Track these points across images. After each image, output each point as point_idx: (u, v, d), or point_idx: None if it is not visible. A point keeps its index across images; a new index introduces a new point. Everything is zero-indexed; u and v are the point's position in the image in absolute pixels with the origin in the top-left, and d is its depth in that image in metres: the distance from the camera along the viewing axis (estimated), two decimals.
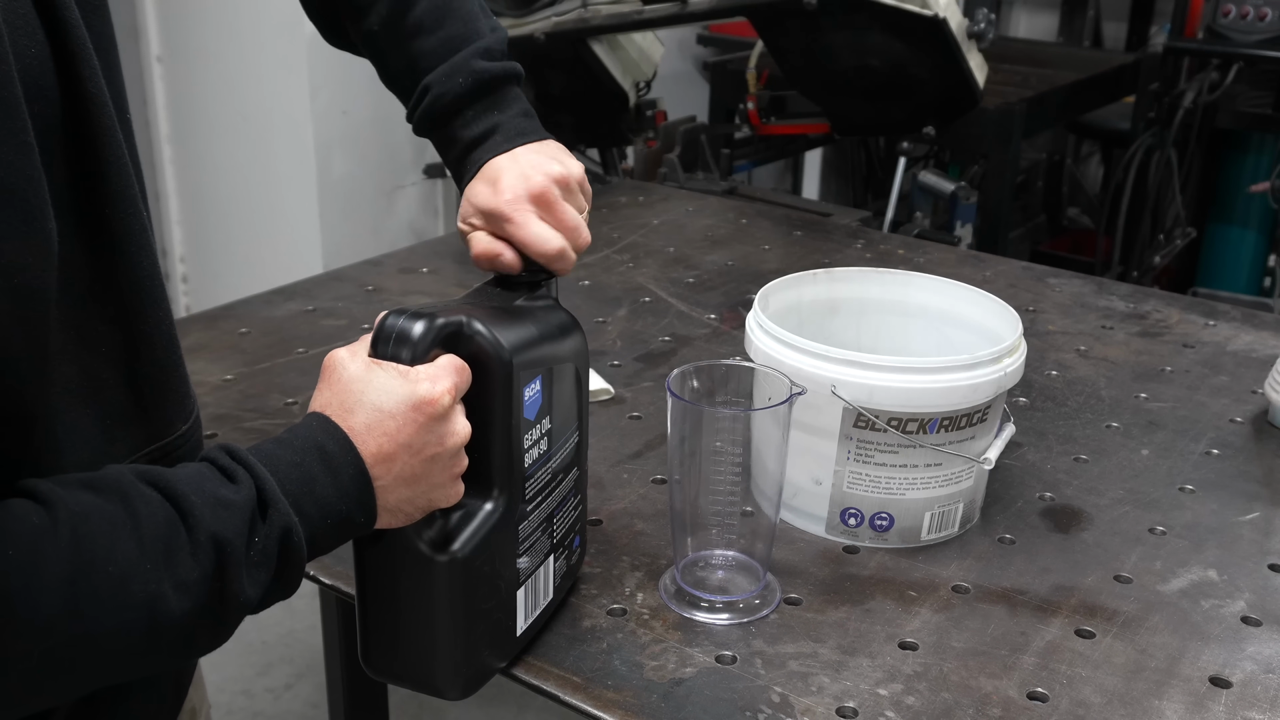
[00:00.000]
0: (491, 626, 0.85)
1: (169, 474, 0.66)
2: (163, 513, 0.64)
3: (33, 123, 0.62)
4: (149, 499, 0.64)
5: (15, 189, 0.59)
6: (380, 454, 0.73)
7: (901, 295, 1.21)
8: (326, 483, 0.71)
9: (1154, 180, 3.04)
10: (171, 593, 0.63)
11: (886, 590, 1.01)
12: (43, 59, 0.65)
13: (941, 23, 2.11)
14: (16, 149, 0.59)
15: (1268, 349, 1.49)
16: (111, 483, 0.64)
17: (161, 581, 0.63)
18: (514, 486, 0.83)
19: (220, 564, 0.65)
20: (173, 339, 0.79)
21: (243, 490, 0.67)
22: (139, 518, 0.63)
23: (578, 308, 0.98)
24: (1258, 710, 0.87)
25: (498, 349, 0.79)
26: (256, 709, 2.25)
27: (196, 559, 0.64)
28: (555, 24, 2.58)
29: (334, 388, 0.75)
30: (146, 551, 0.62)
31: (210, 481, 0.67)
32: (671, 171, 2.58)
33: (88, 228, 0.70)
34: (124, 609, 0.61)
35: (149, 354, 0.76)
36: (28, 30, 0.64)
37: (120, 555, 0.61)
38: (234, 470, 0.68)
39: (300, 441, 0.72)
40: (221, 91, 2.97)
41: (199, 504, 0.65)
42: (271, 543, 0.68)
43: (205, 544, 0.65)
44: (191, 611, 0.64)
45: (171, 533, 0.64)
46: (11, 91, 0.59)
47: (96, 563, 0.60)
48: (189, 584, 0.64)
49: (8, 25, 0.61)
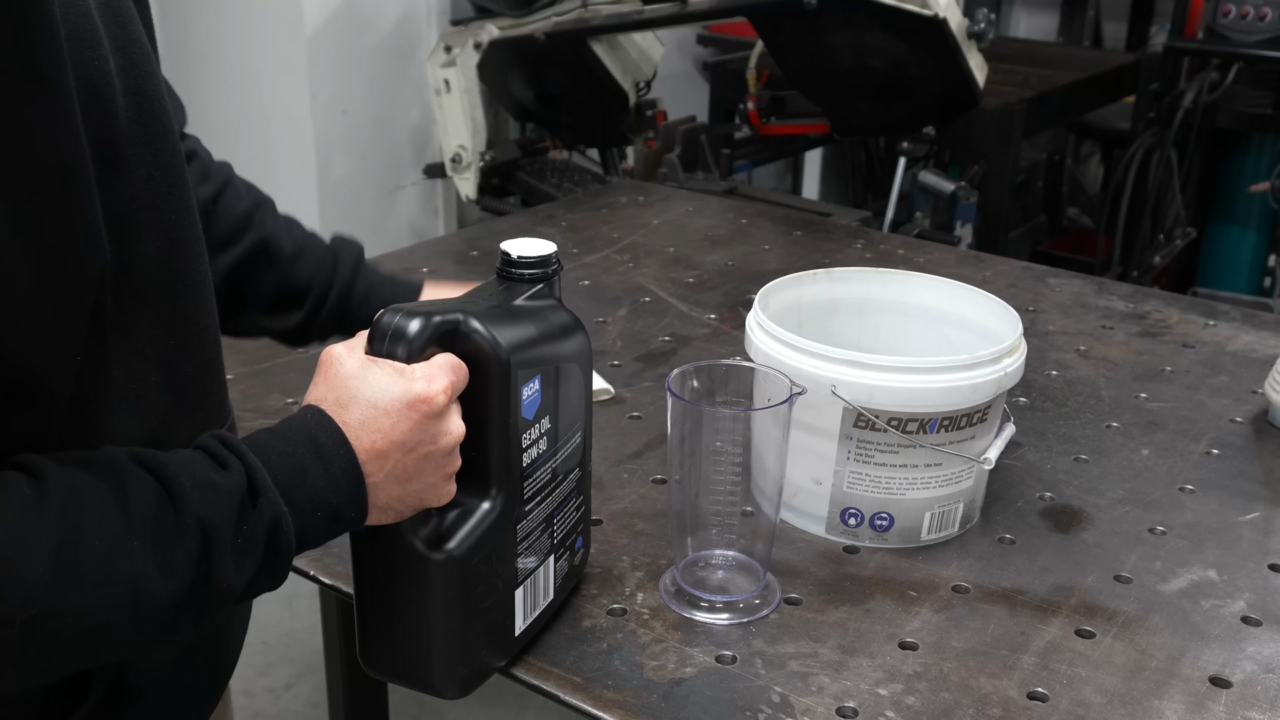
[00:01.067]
0: (489, 626, 0.85)
1: (162, 456, 0.67)
2: (153, 493, 0.64)
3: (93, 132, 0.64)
4: (141, 479, 0.65)
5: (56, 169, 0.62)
6: (374, 450, 0.73)
7: (901, 295, 1.21)
8: (318, 475, 0.71)
9: (1154, 180, 3.04)
10: (156, 572, 0.63)
11: (886, 590, 1.01)
12: (106, 73, 0.67)
13: (941, 23, 2.11)
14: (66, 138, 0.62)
15: (1268, 349, 1.49)
16: (105, 461, 0.65)
17: (147, 560, 0.63)
18: (512, 486, 0.83)
19: (206, 547, 0.65)
20: (217, 341, 0.81)
21: (232, 476, 0.68)
22: (129, 497, 0.63)
23: (578, 308, 0.98)
24: (1258, 710, 0.87)
25: (495, 347, 0.78)
26: (256, 709, 2.25)
27: (182, 540, 0.64)
28: (555, 24, 2.58)
29: (330, 383, 0.75)
30: (134, 529, 0.63)
31: (201, 465, 0.68)
32: (671, 171, 2.58)
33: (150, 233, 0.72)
34: (108, 584, 0.62)
35: (197, 355, 0.78)
36: (93, 44, 0.66)
37: (108, 531, 0.62)
38: (225, 457, 0.69)
39: (293, 433, 0.72)
40: (221, 91, 2.97)
41: (188, 486, 0.65)
42: (259, 531, 0.68)
43: (191, 526, 0.65)
44: (176, 593, 0.64)
45: (160, 513, 0.64)
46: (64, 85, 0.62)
47: (83, 537, 0.61)
48: (174, 565, 0.64)
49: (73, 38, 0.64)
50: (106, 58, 0.67)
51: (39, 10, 0.61)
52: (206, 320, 0.79)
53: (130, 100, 0.70)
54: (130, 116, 0.70)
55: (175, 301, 0.75)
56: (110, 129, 0.68)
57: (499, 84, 2.80)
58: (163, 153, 0.73)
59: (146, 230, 0.72)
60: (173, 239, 0.74)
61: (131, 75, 0.70)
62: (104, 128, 0.67)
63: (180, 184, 0.75)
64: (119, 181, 0.69)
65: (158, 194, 0.73)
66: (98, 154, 0.66)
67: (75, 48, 0.64)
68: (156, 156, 0.73)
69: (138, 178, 0.71)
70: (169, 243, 0.74)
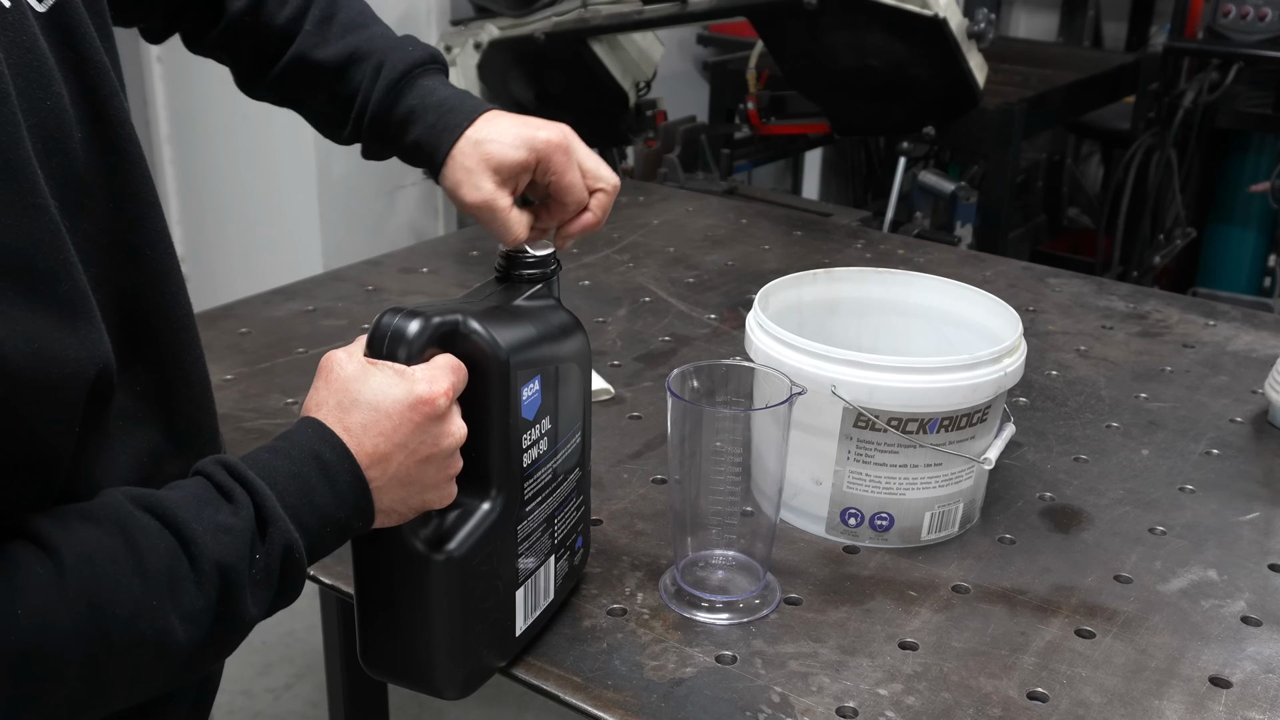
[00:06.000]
0: (490, 626, 0.85)
1: (165, 499, 0.65)
2: (163, 543, 0.63)
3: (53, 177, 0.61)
4: (148, 529, 0.63)
5: (22, 253, 0.57)
6: (376, 454, 0.72)
7: (901, 295, 1.21)
8: (324, 492, 0.70)
9: (1154, 180, 3.04)
10: (179, 624, 0.63)
11: (886, 590, 1.01)
12: (60, 110, 0.63)
13: (941, 23, 2.11)
14: (23, 212, 0.57)
15: (1268, 349, 1.49)
16: (110, 513, 0.63)
17: (168, 615, 0.62)
18: (512, 486, 0.83)
19: (224, 589, 0.65)
20: (205, 377, 0.79)
21: (241, 511, 0.67)
22: (140, 551, 0.62)
23: (578, 308, 0.98)
24: (1258, 710, 0.87)
25: (494, 348, 0.78)
26: (256, 709, 2.25)
27: (201, 588, 0.64)
28: (555, 24, 2.58)
29: (330, 386, 0.74)
30: (151, 587, 0.62)
31: (209, 506, 0.66)
32: (671, 171, 2.58)
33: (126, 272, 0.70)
34: (134, 647, 0.61)
35: (185, 392, 0.76)
36: (42, 82, 0.62)
37: (126, 595, 0.61)
38: (231, 489, 0.67)
39: (297, 450, 0.71)
40: (221, 91, 2.96)
41: (200, 531, 0.64)
42: (274, 561, 0.67)
43: (209, 572, 0.64)
44: (198, 638, 0.64)
45: (174, 563, 0.63)
46: (18, 154, 0.57)
47: (104, 607, 0.60)
48: (195, 613, 0.64)
49: (21, 79, 0.60)
50: (59, 93, 0.63)
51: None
52: (193, 356, 0.77)
53: (90, 129, 0.66)
54: (91, 146, 0.66)
55: (159, 340, 0.74)
56: (70, 169, 0.64)
57: (499, 84, 2.80)
58: (131, 181, 0.69)
59: (121, 267, 0.69)
60: (150, 274, 0.72)
61: (90, 101, 0.66)
62: (63, 170, 0.63)
63: (154, 214, 0.72)
64: (84, 221, 0.65)
65: (129, 229, 0.69)
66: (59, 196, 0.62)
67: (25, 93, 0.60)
68: (125, 186, 0.69)
69: (104, 212, 0.67)
70: (146, 278, 0.71)
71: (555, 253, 0.91)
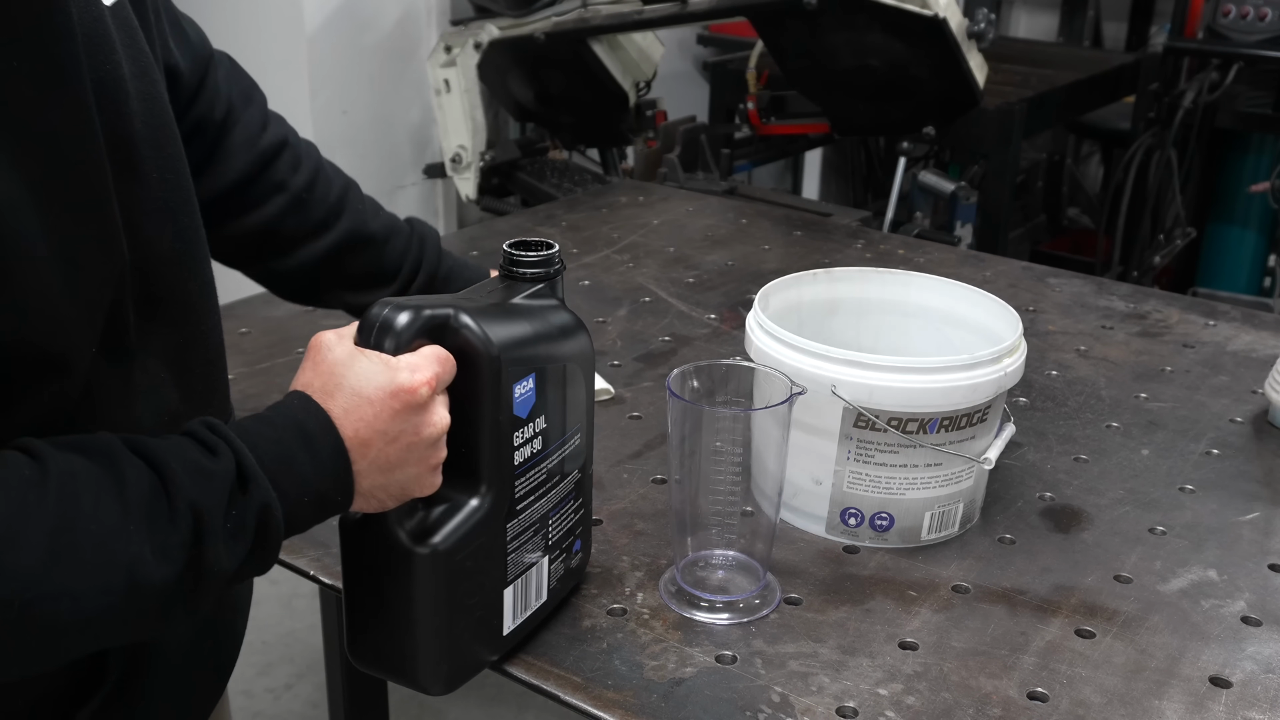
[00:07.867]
0: (476, 623, 0.85)
1: (153, 443, 0.68)
2: (147, 479, 0.65)
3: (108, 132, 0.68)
4: (135, 464, 0.65)
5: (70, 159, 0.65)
6: (357, 439, 0.74)
7: (901, 295, 1.21)
8: (305, 460, 0.72)
9: (1154, 180, 3.04)
10: (151, 557, 0.64)
11: (886, 590, 1.01)
12: (118, 77, 0.70)
13: (941, 23, 2.11)
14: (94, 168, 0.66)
15: (1268, 349, 1.49)
16: (102, 447, 0.65)
17: (143, 545, 0.63)
18: (502, 483, 0.83)
19: (197, 532, 0.66)
20: (220, 342, 0.84)
21: (222, 462, 0.68)
22: (125, 482, 0.64)
23: (578, 308, 0.98)
24: (1258, 710, 0.87)
25: (485, 343, 0.78)
26: (256, 709, 2.25)
27: (175, 525, 0.65)
28: (555, 24, 2.58)
29: (318, 369, 0.76)
30: (130, 514, 0.63)
31: (192, 451, 0.68)
32: (671, 171, 2.58)
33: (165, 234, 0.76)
34: (105, 568, 0.62)
35: (203, 354, 0.81)
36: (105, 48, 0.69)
37: (104, 515, 0.62)
38: (214, 443, 0.69)
39: (281, 419, 0.73)
40: None
41: (179, 471, 0.66)
42: (249, 516, 0.69)
43: (184, 511, 0.65)
44: (169, 577, 0.65)
45: (154, 498, 0.65)
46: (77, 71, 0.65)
47: (80, 519, 0.62)
48: (168, 549, 0.65)
49: (88, 39, 0.67)
50: (120, 63, 0.70)
51: (58, 14, 0.63)
52: (212, 320, 0.82)
53: (142, 105, 0.73)
54: (143, 120, 0.72)
55: (185, 301, 0.78)
56: (124, 131, 0.70)
57: (499, 84, 2.80)
58: (172, 156, 0.76)
59: (160, 231, 0.75)
60: (184, 240, 0.77)
61: (142, 81, 0.73)
62: (118, 130, 0.70)
63: (187, 186, 0.78)
64: (134, 183, 0.71)
65: (169, 195, 0.76)
66: (113, 155, 0.68)
67: (90, 51, 0.67)
68: (167, 160, 0.76)
69: (151, 179, 0.73)
70: (180, 243, 0.77)
71: (559, 253, 0.90)
